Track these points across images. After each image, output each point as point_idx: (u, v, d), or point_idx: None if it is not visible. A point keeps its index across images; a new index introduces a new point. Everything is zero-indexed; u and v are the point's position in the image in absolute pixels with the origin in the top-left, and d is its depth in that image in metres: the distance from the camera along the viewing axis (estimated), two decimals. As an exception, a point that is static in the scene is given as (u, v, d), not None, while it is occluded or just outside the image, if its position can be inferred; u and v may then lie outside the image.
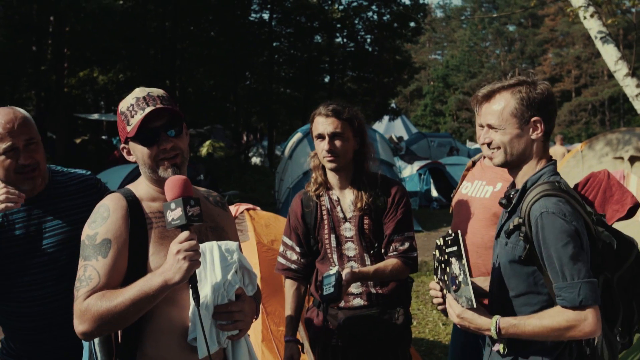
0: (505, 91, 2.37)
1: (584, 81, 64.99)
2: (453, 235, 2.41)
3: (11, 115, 2.52)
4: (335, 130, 3.12)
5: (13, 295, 2.54)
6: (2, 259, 2.38)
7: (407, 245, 3.17)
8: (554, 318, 2.18)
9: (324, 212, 3.23)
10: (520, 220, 2.28)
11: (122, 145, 2.34)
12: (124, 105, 2.29)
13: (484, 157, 3.47)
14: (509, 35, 75.24)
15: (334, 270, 2.97)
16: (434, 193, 18.37)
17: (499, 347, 2.38)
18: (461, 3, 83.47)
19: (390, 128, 39.02)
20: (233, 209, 5.18)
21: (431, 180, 18.45)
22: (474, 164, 3.58)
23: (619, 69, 8.12)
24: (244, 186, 19.32)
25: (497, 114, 2.36)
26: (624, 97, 44.72)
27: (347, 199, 3.21)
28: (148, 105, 2.22)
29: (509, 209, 2.42)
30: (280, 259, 3.37)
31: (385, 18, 32.04)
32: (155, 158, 2.24)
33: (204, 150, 31.25)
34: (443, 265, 2.49)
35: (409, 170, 19.65)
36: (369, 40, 33.20)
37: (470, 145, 41.20)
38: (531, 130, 2.35)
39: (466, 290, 2.31)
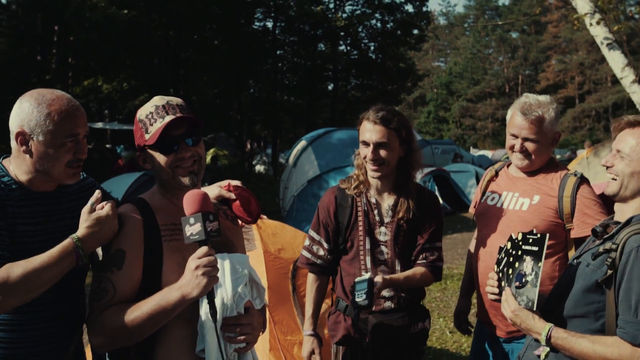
0: None
1: (588, 87, 65.06)
2: (539, 236, 2.43)
3: (73, 103, 2.31)
4: (380, 140, 3.05)
5: None
6: (14, 255, 2.21)
7: (436, 255, 3.20)
8: (608, 347, 2.19)
9: (360, 213, 3.18)
10: (613, 247, 2.27)
11: (137, 153, 2.33)
12: (142, 113, 2.28)
13: (508, 166, 3.38)
14: (512, 42, 75.44)
15: (366, 276, 2.94)
16: (440, 200, 18.33)
17: (541, 352, 2.39)
18: (464, 10, 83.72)
19: (394, 135, 38.94)
20: (240, 217, 5.17)
21: (436, 187, 18.40)
22: (497, 173, 3.44)
23: (626, 76, 8.10)
24: (249, 194, 19.25)
25: (633, 145, 2.39)
26: (628, 103, 44.71)
27: (386, 203, 3.18)
28: (168, 114, 2.22)
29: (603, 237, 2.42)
30: (305, 253, 3.33)
31: (388, 26, 32.17)
32: (172, 165, 2.23)
33: (208, 158, 31.35)
34: (511, 259, 2.52)
35: (413, 178, 19.60)
36: (372, 47, 33.34)
37: (473, 152, 41.23)
38: None
39: (531, 291, 2.36)
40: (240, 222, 2.58)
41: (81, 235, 2.15)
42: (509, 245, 2.57)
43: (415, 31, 31.14)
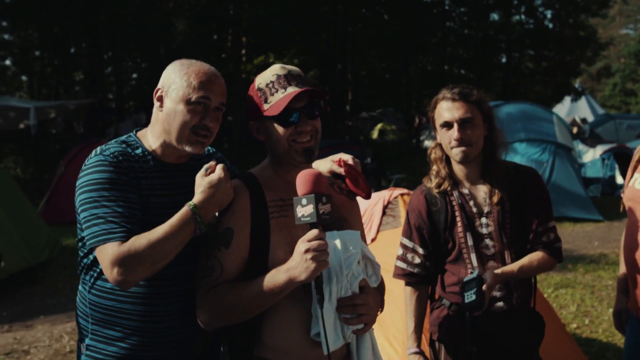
0: None
1: None
2: None
3: (214, 71, 2.31)
4: (465, 115, 2.78)
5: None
6: (146, 229, 2.14)
7: (552, 235, 2.89)
8: None
9: (456, 208, 2.91)
10: None
11: (251, 122, 2.27)
12: (262, 81, 2.21)
13: None
14: None
15: (474, 274, 2.72)
16: (619, 180, 16.88)
17: None
18: (658, -29, 75.81)
19: (574, 109, 36.59)
20: (387, 193, 5.08)
21: (616, 166, 16.97)
22: None
23: None
24: (413, 170, 19.11)
25: None
26: None
27: (481, 191, 2.90)
28: (290, 85, 2.14)
29: None
30: (400, 263, 3.05)
31: (568, -10, 29.97)
32: (290, 138, 2.15)
33: (375, 134, 31.52)
34: None
35: (590, 155, 18.30)
36: (549, 15, 31.30)
37: (665, 127, 37.46)
38: None
39: None
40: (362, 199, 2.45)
41: (197, 201, 2.13)
42: None
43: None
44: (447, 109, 2.83)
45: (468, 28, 31.49)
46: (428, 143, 31.79)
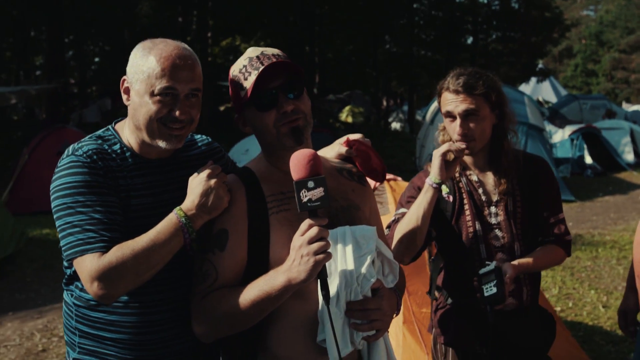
0: None
1: None
2: None
3: (180, 53, 1.98)
4: (468, 108, 2.60)
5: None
6: (130, 233, 1.94)
7: (563, 228, 2.76)
8: None
9: (465, 195, 2.73)
10: None
11: (236, 116, 2.06)
12: (235, 68, 2.01)
13: None
14: (674, -15, 68.32)
15: (491, 265, 2.56)
16: (588, 160, 17.09)
17: None
18: (618, -48, 76.84)
19: (538, 90, 37.03)
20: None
21: (585, 146, 17.17)
22: None
23: None
24: (384, 152, 19.04)
25: None
26: None
27: (490, 179, 2.74)
28: (262, 65, 1.93)
29: None
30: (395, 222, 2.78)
31: (533, -29, 30.08)
32: (276, 124, 1.94)
33: (343, 116, 31.39)
34: None
35: (559, 135, 18.46)
36: (515, -4, 31.41)
37: (626, 107, 38.14)
38: None
39: None
40: (373, 181, 2.24)
41: (187, 208, 1.92)
42: None
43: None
44: (450, 101, 2.65)
45: (435, 9, 31.40)
46: (396, 125, 31.86)
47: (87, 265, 1.87)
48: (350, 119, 30.46)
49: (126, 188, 2.04)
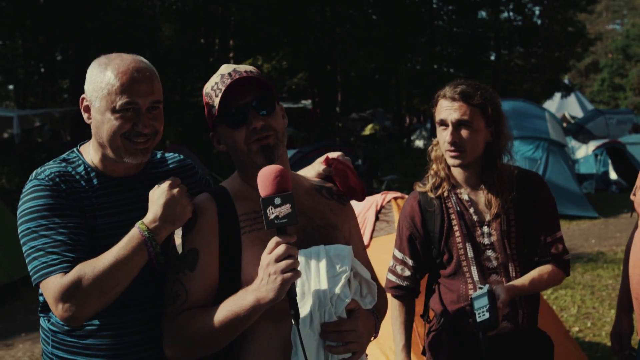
0: None
1: None
2: None
3: (137, 66, 1.95)
4: (461, 117, 2.50)
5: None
6: (97, 253, 1.90)
7: (560, 247, 2.66)
8: None
9: (453, 216, 2.64)
10: None
11: (210, 134, 2.03)
12: (208, 85, 1.99)
13: None
14: (702, -3, 67.41)
15: (484, 289, 2.45)
16: (613, 175, 16.75)
17: None
18: (644, -35, 76.09)
19: (564, 106, 36.61)
20: (380, 197, 4.88)
21: (609, 162, 16.85)
22: None
23: None
24: (405, 171, 18.93)
25: None
26: None
27: (482, 198, 2.64)
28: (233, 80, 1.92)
29: None
30: (390, 276, 2.80)
31: (556, -13, 29.95)
32: (247, 142, 1.90)
33: (367, 131, 31.44)
34: None
35: (583, 151, 18.19)
36: (537, 12, 31.25)
37: (655, 121, 37.51)
38: None
39: None
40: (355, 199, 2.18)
41: (148, 221, 1.89)
42: None
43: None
44: (445, 108, 2.57)
45: (456, 26, 31.38)
46: (419, 143, 31.73)
47: (51, 287, 1.85)
48: (367, 132, 30.71)
49: (91, 208, 2.01)
